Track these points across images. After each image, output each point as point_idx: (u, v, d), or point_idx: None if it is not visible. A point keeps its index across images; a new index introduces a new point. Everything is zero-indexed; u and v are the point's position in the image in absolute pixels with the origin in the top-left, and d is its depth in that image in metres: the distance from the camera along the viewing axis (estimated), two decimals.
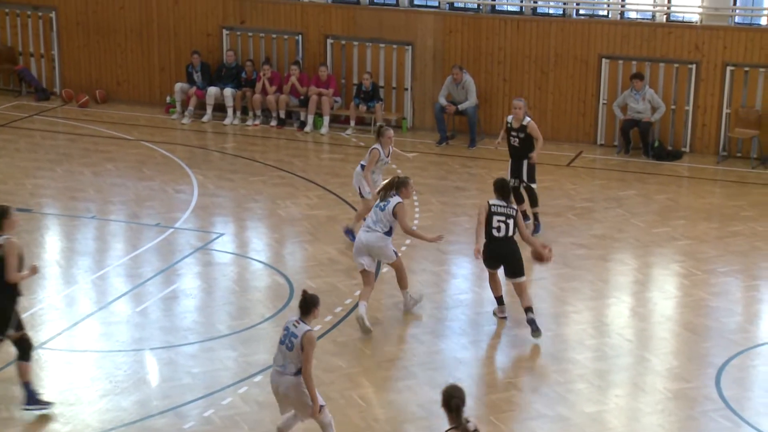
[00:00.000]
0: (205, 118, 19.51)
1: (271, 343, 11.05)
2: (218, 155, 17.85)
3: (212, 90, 19.40)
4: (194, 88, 19.55)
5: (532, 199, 14.18)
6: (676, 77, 17.84)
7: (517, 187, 13.91)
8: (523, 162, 13.94)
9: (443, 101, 18.34)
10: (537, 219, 14.23)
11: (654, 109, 17.64)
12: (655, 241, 14.19)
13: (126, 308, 12.02)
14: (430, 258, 13.53)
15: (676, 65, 17.78)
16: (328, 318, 11.69)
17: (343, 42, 19.29)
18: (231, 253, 13.75)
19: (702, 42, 17.59)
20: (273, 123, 19.33)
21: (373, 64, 19.23)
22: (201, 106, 19.60)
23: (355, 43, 19.22)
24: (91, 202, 15.34)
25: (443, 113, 18.38)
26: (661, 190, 16.25)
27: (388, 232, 11.52)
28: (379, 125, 14.10)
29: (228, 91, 19.34)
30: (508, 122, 14.06)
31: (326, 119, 18.99)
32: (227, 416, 9.72)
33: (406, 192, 11.62)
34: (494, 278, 11.68)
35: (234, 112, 19.45)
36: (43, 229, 14.50)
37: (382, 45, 19.09)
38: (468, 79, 18.27)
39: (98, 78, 20.66)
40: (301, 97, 19.15)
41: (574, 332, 11.60)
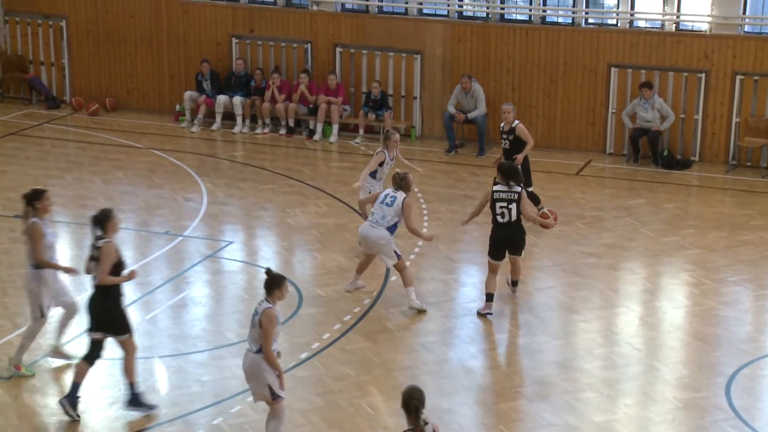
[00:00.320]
0: (214, 127, 19.55)
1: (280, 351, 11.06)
2: (227, 163, 17.89)
3: (221, 98, 19.45)
4: (204, 97, 19.60)
5: (533, 201, 14.34)
6: (685, 86, 17.82)
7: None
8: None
9: (452, 110, 18.36)
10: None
11: (663, 118, 17.63)
12: (664, 250, 14.17)
13: (135, 316, 12.00)
14: (439, 266, 13.53)
15: (686, 74, 17.76)
16: (337, 326, 11.70)
17: (352, 50, 19.32)
18: (240, 261, 13.77)
19: (711, 51, 17.58)
20: (282, 131, 19.36)
21: (382, 73, 19.26)
22: (210, 115, 19.65)
23: (364, 51, 19.25)
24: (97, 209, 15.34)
25: (452, 122, 18.39)
26: (671, 199, 16.23)
27: (392, 228, 11.93)
28: (387, 130, 14.43)
29: (237, 100, 19.39)
30: (501, 127, 14.70)
31: (335, 128, 19.02)
32: (236, 424, 9.72)
33: (408, 185, 12.15)
34: (493, 277, 12.00)
35: (243, 120, 19.49)
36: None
37: (391, 53, 19.13)
38: (477, 87, 18.29)
39: (108, 86, 20.73)
40: (310, 106, 19.19)
41: (583, 341, 11.58)
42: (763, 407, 10.36)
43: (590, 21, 18.57)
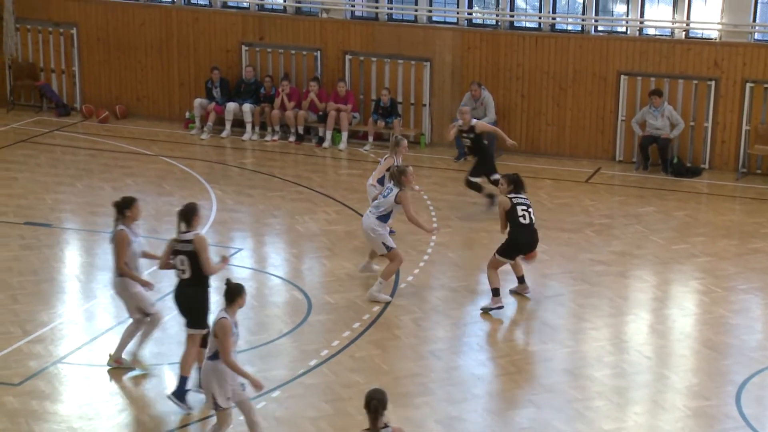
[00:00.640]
0: (224, 134, 19.59)
1: (289, 359, 11.08)
2: (237, 170, 17.91)
3: (231, 105, 19.49)
4: (213, 104, 19.64)
5: (476, 189, 15.63)
6: (695, 94, 17.80)
7: (478, 183, 15.55)
8: (481, 159, 15.56)
9: None
10: (491, 196, 15.55)
11: (673, 126, 17.60)
12: (674, 258, 14.14)
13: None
14: (448, 274, 13.52)
15: (695, 82, 17.74)
16: (346, 333, 11.70)
17: (362, 58, 19.35)
18: (249, 268, 13.78)
19: (721, 58, 17.55)
20: (291, 138, 19.39)
21: (392, 80, 19.28)
22: (220, 122, 19.69)
23: (374, 59, 19.28)
24: (111, 217, 15.29)
25: None
26: (680, 207, 16.19)
27: (382, 217, 12.26)
28: (396, 136, 14.68)
29: (247, 107, 19.42)
30: (459, 125, 15.73)
31: (344, 135, 19.04)
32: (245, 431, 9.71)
33: (406, 180, 12.40)
34: (497, 273, 12.26)
35: (253, 127, 19.52)
36: (63, 244, 14.58)
37: (401, 61, 19.14)
38: (486, 95, 18.29)
39: (118, 93, 20.79)
40: (320, 113, 19.21)
41: (592, 349, 11.56)
42: None
43: (600, 28, 18.56)
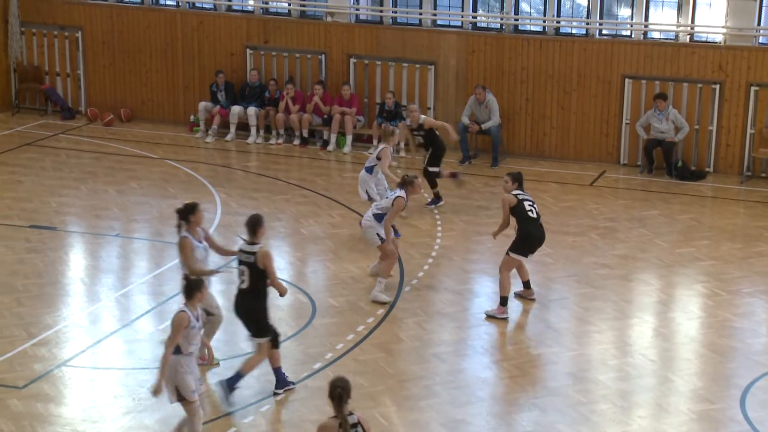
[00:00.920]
0: (228, 137, 19.61)
1: (293, 362, 11.08)
2: (241, 174, 17.93)
3: (236, 109, 19.51)
4: (218, 107, 19.67)
5: (431, 182, 15.96)
6: (699, 97, 17.79)
7: (434, 173, 15.90)
8: (435, 151, 15.96)
9: (466, 120, 18.36)
10: (438, 197, 16.08)
11: (677, 129, 17.60)
12: (678, 262, 14.13)
13: (149, 326, 12.08)
14: (453, 277, 13.52)
15: (700, 85, 17.73)
16: (350, 337, 11.70)
17: (366, 61, 19.36)
18: None
19: (726, 62, 17.55)
20: (296, 142, 19.40)
21: (396, 84, 19.29)
22: (224, 125, 19.71)
23: (378, 62, 19.29)
24: (115, 221, 15.44)
25: (466, 132, 18.40)
26: (685, 210, 16.19)
27: (378, 216, 12.53)
28: (388, 125, 15.70)
29: (251, 110, 19.44)
30: (407, 124, 16.18)
31: (349, 138, 19.05)
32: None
33: (412, 190, 12.69)
34: (510, 277, 12.31)
35: (257, 130, 19.54)
36: (67, 247, 14.60)
37: (405, 64, 19.16)
38: (491, 98, 18.30)
39: (123, 97, 20.82)
40: (324, 116, 19.23)
41: (596, 352, 11.55)
42: None
43: (604, 32, 18.56)
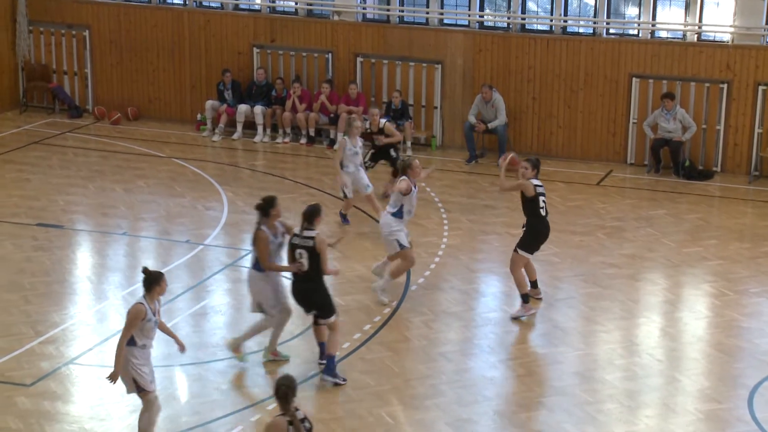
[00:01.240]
0: (235, 136, 19.62)
1: (300, 360, 11.08)
2: (248, 172, 17.94)
3: (243, 108, 19.52)
4: (225, 106, 19.68)
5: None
6: (707, 97, 17.75)
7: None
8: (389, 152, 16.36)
9: (473, 120, 18.35)
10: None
11: (685, 129, 17.56)
12: (685, 261, 14.10)
13: None
14: (459, 276, 13.51)
15: (707, 85, 17.70)
16: (357, 335, 11.70)
17: (373, 60, 19.36)
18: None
19: (734, 61, 17.51)
20: (303, 141, 19.41)
21: (403, 83, 19.28)
22: (231, 124, 19.72)
23: (385, 61, 19.29)
24: (123, 219, 15.46)
25: (473, 131, 18.39)
26: (692, 210, 16.16)
27: (396, 213, 12.23)
28: (350, 117, 15.65)
29: (258, 109, 19.46)
30: (367, 128, 16.37)
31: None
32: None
33: (413, 173, 12.26)
34: (523, 274, 12.30)
35: (264, 129, 19.55)
36: (74, 245, 14.63)
37: (412, 63, 19.15)
38: (497, 97, 18.29)
39: (130, 95, 20.84)
40: (331, 115, 19.23)
41: (603, 352, 11.54)
42: None
43: (611, 31, 18.53)
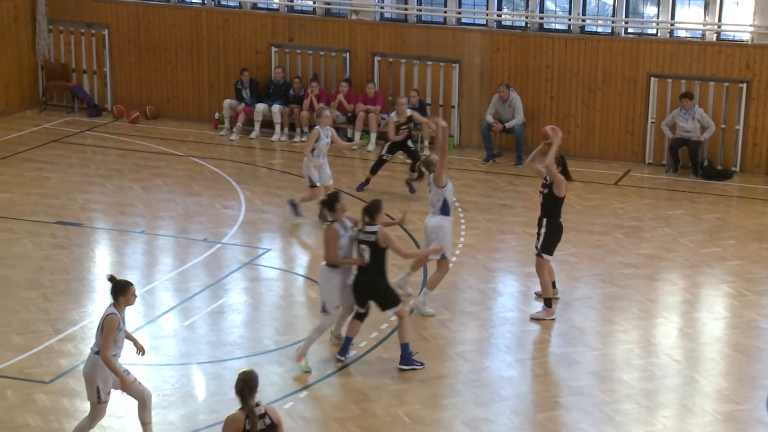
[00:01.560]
0: (253, 135, 19.67)
1: (317, 359, 11.10)
2: (266, 171, 17.98)
3: (260, 106, 19.56)
4: (243, 105, 19.73)
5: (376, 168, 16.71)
6: (726, 96, 17.68)
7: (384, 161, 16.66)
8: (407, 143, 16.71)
9: (490, 119, 18.33)
10: (368, 181, 16.71)
11: (703, 129, 17.49)
12: (704, 261, 14.05)
13: (173, 322, 12.13)
14: (477, 275, 13.50)
15: (726, 84, 17.62)
16: (374, 335, 11.71)
17: (391, 59, 19.36)
18: (277, 268, 13.82)
19: (753, 61, 17.43)
20: None
21: (421, 82, 19.28)
22: (249, 123, 19.77)
23: (403, 60, 19.29)
24: (141, 217, 15.52)
25: (490, 131, 18.37)
26: (711, 210, 16.09)
27: (443, 210, 12.15)
28: (319, 106, 15.94)
29: (276, 108, 19.49)
30: (395, 120, 16.49)
31: (373, 136, 19.05)
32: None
33: (434, 168, 12.25)
34: (548, 275, 12.30)
35: (282, 128, 19.59)
36: (93, 243, 14.70)
37: (430, 63, 19.14)
38: (515, 96, 18.26)
39: (149, 94, 20.92)
40: (349, 114, 19.25)
41: (621, 352, 11.51)
42: None
43: (630, 30, 18.48)
